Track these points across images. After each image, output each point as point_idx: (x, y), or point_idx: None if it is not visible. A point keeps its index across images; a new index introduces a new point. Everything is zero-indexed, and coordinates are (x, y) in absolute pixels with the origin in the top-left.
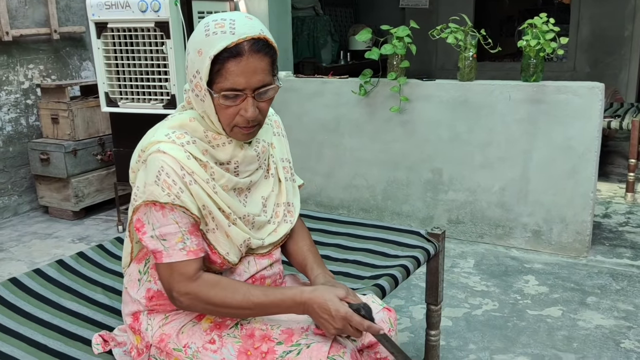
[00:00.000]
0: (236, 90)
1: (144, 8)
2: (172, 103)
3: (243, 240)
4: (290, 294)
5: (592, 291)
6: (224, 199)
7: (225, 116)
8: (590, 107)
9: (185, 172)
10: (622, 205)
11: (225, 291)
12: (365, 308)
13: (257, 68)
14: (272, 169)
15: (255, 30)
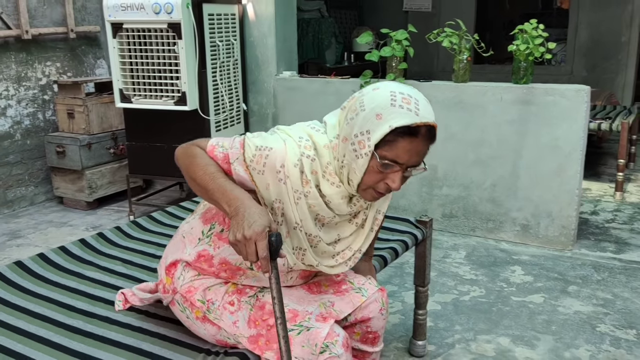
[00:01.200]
0: (396, 163)
1: (157, 10)
2: (182, 100)
3: (299, 247)
4: (236, 192)
5: (574, 281)
6: (302, 212)
7: (371, 178)
8: (576, 109)
9: (283, 173)
10: (611, 204)
11: (197, 161)
12: (277, 238)
13: (421, 151)
14: (360, 218)
15: (432, 117)
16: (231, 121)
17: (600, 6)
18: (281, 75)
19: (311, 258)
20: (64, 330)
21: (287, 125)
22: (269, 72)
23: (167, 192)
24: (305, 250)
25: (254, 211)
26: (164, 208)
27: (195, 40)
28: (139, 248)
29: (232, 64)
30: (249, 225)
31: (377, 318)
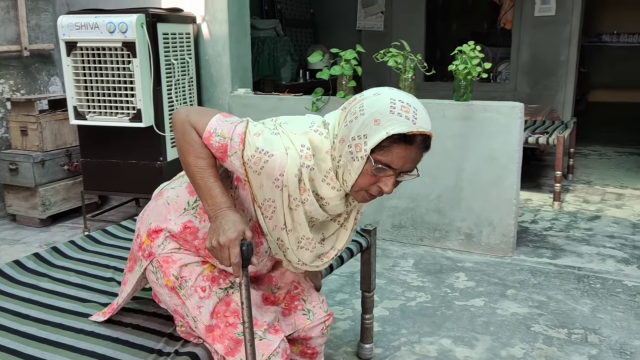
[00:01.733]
0: (390, 168)
1: (112, 29)
2: (137, 117)
3: (283, 241)
4: (220, 198)
5: (512, 285)
6: (298, 217)
7: (365, 181)
8: (511, 124)
9: (281, 181)
10: (550, 213)
11: (199, 151)
12: (247, 247)
13: (415, 158)
14: (342, 217)
15: (429, 126)
16: None
17: (540, 27)
18: (236, 92)
19: (292, 256)
20: (19, 337)
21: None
22: (224, 89)
23: (123, 208)
24: (289, 249)
25: (229, 218)
26: (119, 223)
27: (150, 58)
28: (93, 260)
29: (187, 82)
30: (224, 232)
31: (318, 337)
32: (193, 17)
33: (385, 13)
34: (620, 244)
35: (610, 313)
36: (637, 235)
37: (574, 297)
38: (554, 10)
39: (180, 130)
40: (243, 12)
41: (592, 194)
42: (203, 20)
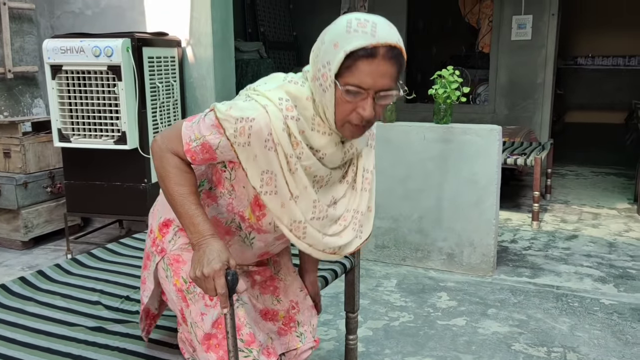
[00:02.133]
0: (361, 88)
1: (97, 53)
2: (122, 139)
3: (296, 219)
4: (202, 226)
5: (493, 304)
6: (301, 179)
7: (342, 111)
8: (490, 146)
9: (271, 140)
10: (529, 232)
11: (172, 175)
12: (232, 277)
13: (386, 72)
14: (350, 176)
15: (393, 38)
16: None
17: (517, 51)
18: None
19: (312, 231)
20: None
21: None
22: None
23: (106, 229)
24: (305, 224)
25: (213, 248)
26: (104, 245)
27: (135, 81)
28: (79, 283)
29: (172, 104)
30: (208, 263)
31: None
32: (178, 40)
33: None
34: (597, 262)
35: (588, 331)
36: (613, 254)
37: (553, 315)
38: (530, 35)
39: (158, 158)
40: (227, 36)
41: (570, 213)
42: (188, 44)
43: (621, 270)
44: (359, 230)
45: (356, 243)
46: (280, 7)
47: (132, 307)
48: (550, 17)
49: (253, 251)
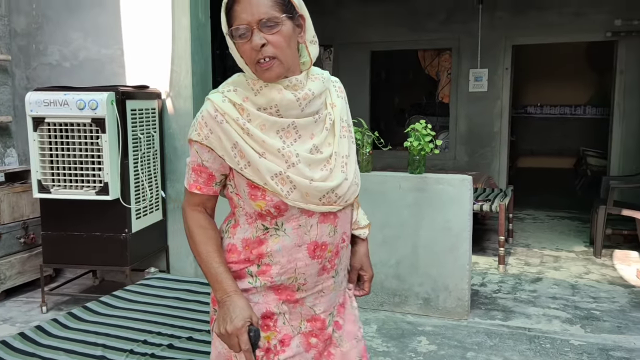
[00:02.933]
0: (242, 25)
1: (82, 106)
2: (105, 190)
3: (275, 172)
4: (226, 283)
5: (471, 347)
6: (255, 135)
7: (246, 55)
8: (462, 195)
9: (219, 113)
10: (496, 276)
11: (195, 235)
12: (254, 333)
13: (257, 3)
14: (328, 123)
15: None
16: (150, 209)
17: (475, 101)
18: None
19: (296, 177)
20: None
21: None
22: None
23: (79, 280)
24: (286, 173)
25: (236, 305)
26: (98, 298)
27: (118, 133)
28: (79, 338)
29: (152, 155)
30: (231, 321)
31: None
32: (158, 93)
33: None
34: (563, 304)
35: None
36: (576, 296)
37: (528, 357)
38: (486, 87)
39: (184, 218)
40: (206, 89)
41: (532, 256)
42: (167, 96)
43: (586, 311)
44: (345, 172)
45: (345, 185)
46: None
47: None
48: (504, 71)
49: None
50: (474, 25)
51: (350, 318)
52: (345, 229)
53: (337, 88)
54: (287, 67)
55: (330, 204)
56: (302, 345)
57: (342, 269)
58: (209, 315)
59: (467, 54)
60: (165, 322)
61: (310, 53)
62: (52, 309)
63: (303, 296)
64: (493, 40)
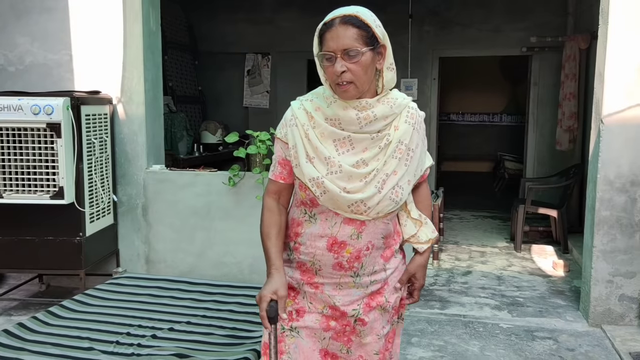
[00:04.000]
0: (329, 52)
1: (36, 111)
2: (60, 194)
3: (313, 177)
4: (271, 260)
5: (414, 334)
6: (313, 141)
7: (329, 76)
8: None
9: (293, 116)
10: (431, 270)
11: (264, 218)
12: (272, 307)
13: (344, 35)
14: (383, 142)
15: (350, 10)
16: (102, 212)
17: None
18: (151, 168)
19: (330, 184)
20: None
21: None
22: (140, 166)
23: (25, 286)
24: (322, 179)
25: (272, 278)
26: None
27: (74, 138)
28: (62, 333)
29: (105, 159)
30: (263, 288)
31: None
32: (109, 98)
33: (270, 92)
34: (491, 293)
35: (495, 351)
36: (502, 285)
37: (465, 340)
38: (416, 96)
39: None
40: (157, 95)
41: (461, 252)
42: (119, 102)
43: (511, 299)
44: (380, 187)
45: (376, 198)
46: (186, 63)
47: (127, 350)
48: (432, 81)
49: (322, 237)
50: (405, 37)
51: (377, 319)
52: (373, 239)
53: (409, 115)
54: (362, 90)
55: (359, 213)
56: (320, 324)
57: (367, 275)
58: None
59: (398, 65)
60: (144, 316)
61: (384, 78)
62: (2, 315)
63: (321, 282)
64: (421, 52)
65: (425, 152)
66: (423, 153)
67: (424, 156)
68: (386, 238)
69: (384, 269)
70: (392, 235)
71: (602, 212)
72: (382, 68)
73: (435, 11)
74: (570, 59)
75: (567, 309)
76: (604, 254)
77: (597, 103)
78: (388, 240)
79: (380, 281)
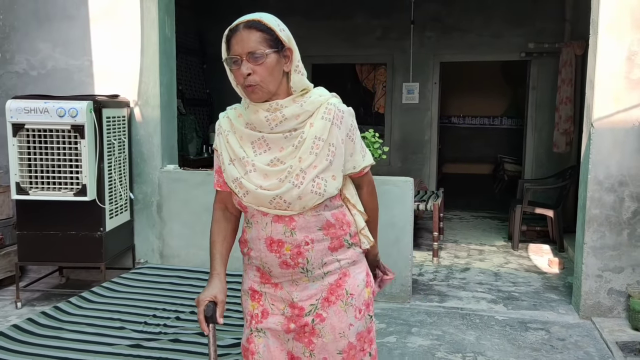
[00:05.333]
0: (235, 55)
1: (62, 114)
2: (83, 191)
3: (234, 177)
4: (212, 266)
5: (415, 324)
6: (232, 145)
7: (237, 79)
8: (405, 195)
9: (218, 125)
10: (431, 267)
11: (211, 228)
12: (209, 307)
13: (248, 39)
14: (297, 141)
15: (252, 16)
16: (121, 209)
17: (407, 112)
18: (166, 168)
19: (247, 183)
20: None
21: None
22: (155, 165)
23: (45, 279)
24: (240, 179)
25: (210, 284)
26: (79, 294)
27: (96, 139)
28: (94, 314)
29: (123, 159)
30: (202, 293)
31: None
32: (127, 101)
33: None
34: (488, 288)
35: (490, 340)
36: (499, 281)
37: (462, 330)
38: (417, 99)
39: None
40: (172, 99)
41: (460, 250)
42: (135, 105)
43: (507, 293)
44: (297, 182)
45: (293, 193)
46: (195, 67)
47: (154, 329)
48: (433, 85)
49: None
50: (407, 43)
51: (338, 314)
52: (309, 234)
53: (327, 111)
54: (269, 91)
55: (282, 209)
56: (282, 326)
57: (316, 268)
58: None
59: (400, 69)
60: (167, 301)
61: (291, 80)
62: (25, 305)
63: (278, 282)
64: (423, 57)
65: (359, 150)
66: (354, 150)
67: (358, 153)
68: (325, 229)
69: (336, 260)
70: (334, 226)
71: (592, 211)
72: (289, 70)
73: (436, 18)
74: (566, 64)
75: (559, 303)
76: (594, 250)
77: (588, 108)
78: (331, 231)
79: (336, 271)
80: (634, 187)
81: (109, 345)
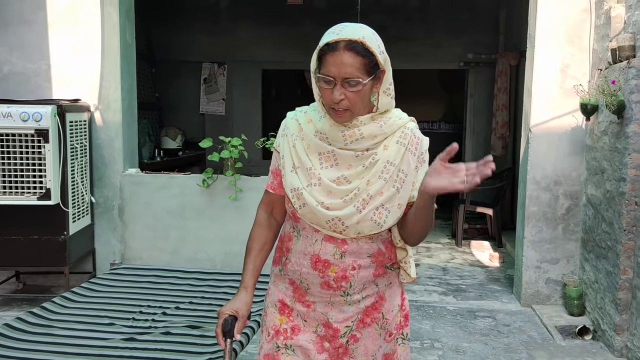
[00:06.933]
0: (328, 76)
1: (25, 118)
2: (47, 195)
3: (294, 187)
4: (243, 278)
5: None
6: (299, 152)
7: (325, 96)
8: None
9: (285, 127)
10: None
11: (252, 230)
12: (227, 322)
13: (347, 62)
14: (369, 162)
15: (355, 35)
16: (83, 213)
17: None
18: (127, 172)
19: (308, 197)
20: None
21: None
22: (116, 169)
23: (2, 285)
24: (301, 190)
25: (237, 296)
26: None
27: (60, 143)
28: (81, 313)
29: (85, 163)
30: (226, 305)
31: None
32: (88, 106)
33: (226, 100)
34: (438, 282)
35: (444, 328)
36: (447, 275)
37: (418, 320)
38: None
39: None
40: (132, 103)
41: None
42: (96, 109)
43: (455, 286)
44: (360, 207)
45: (354, 217)
46: (143, 71)
47: (144, 323)
48: None
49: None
50: None
51: (372, 337)
52: (358, 259)
53: (403, 135)
54: (356, 115)
55: (337, 231)
56: (314, 344)
57: (357, 293)
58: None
59: None
60: (150, 299)
61: (380, 101)
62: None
63: (313, 301)
64: None
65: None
66: (417, 180)
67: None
68: (375, 257)
69: (374, 284)
70: (383, 254)
71: (530, 208)
72: (378, 91)
73: (382, 27)
74: (502, 74)
75: (502, 293)
76: (532, 244)
77: (526, 115)
78: (379, 259)
79: (373, 295)
80: (568, 186)
81: (103, 339)
